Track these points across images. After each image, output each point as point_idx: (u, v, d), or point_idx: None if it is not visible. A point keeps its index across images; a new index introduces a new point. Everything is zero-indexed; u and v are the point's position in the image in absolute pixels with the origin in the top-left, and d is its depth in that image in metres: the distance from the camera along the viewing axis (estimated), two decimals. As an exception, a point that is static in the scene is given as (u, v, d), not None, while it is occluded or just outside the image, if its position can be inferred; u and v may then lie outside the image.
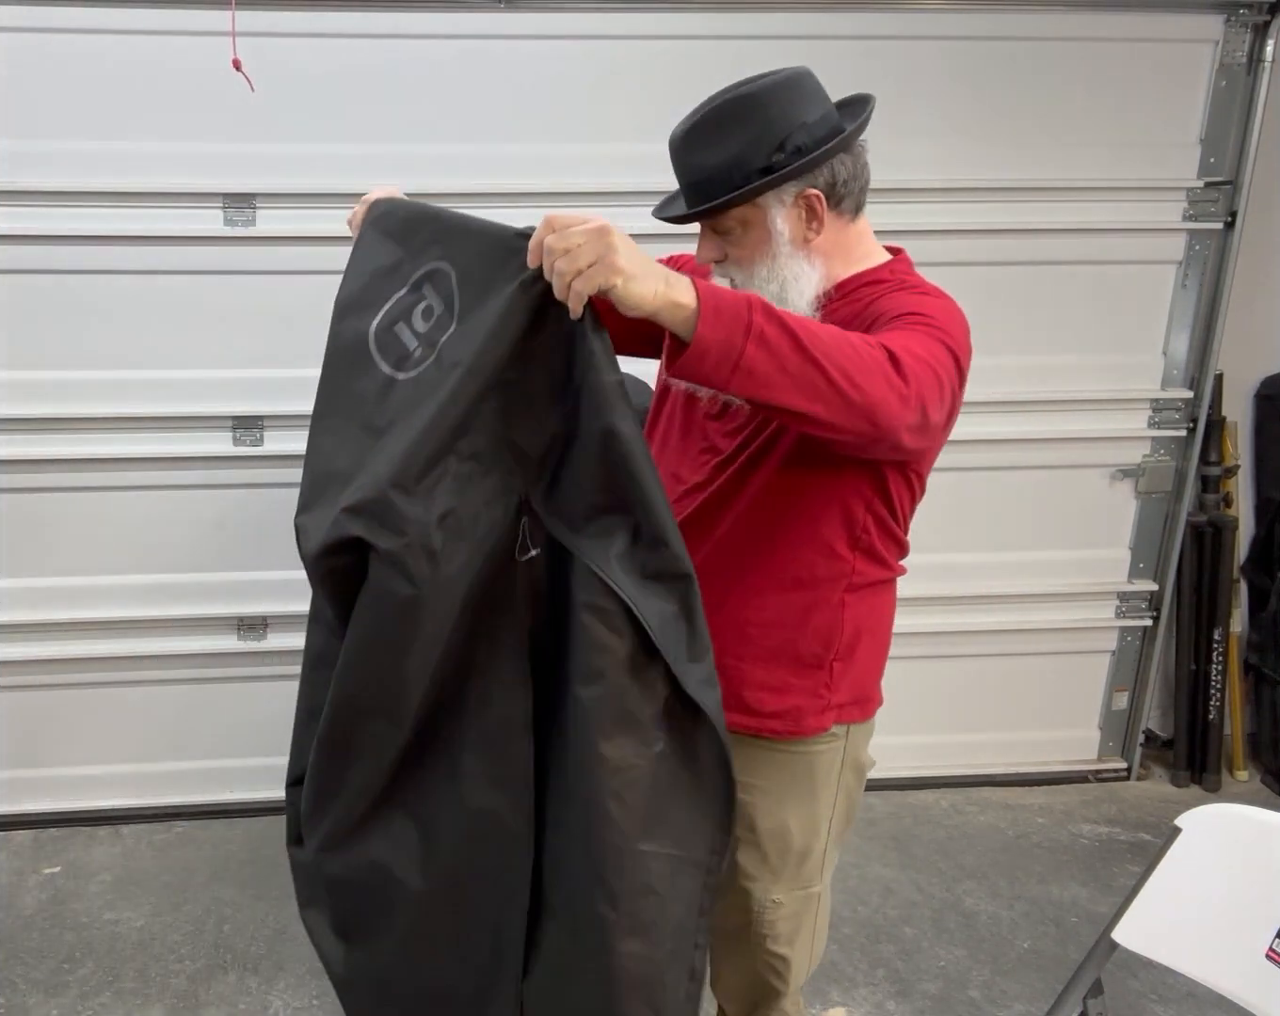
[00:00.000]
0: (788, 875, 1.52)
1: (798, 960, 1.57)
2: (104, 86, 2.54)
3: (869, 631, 1.47)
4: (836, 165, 1.37)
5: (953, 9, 2.72)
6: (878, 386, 1.17)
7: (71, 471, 2.73)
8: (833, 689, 1.46)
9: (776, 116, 1.34)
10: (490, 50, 2.64)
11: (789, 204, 1.36)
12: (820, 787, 1.51)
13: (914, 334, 1.27)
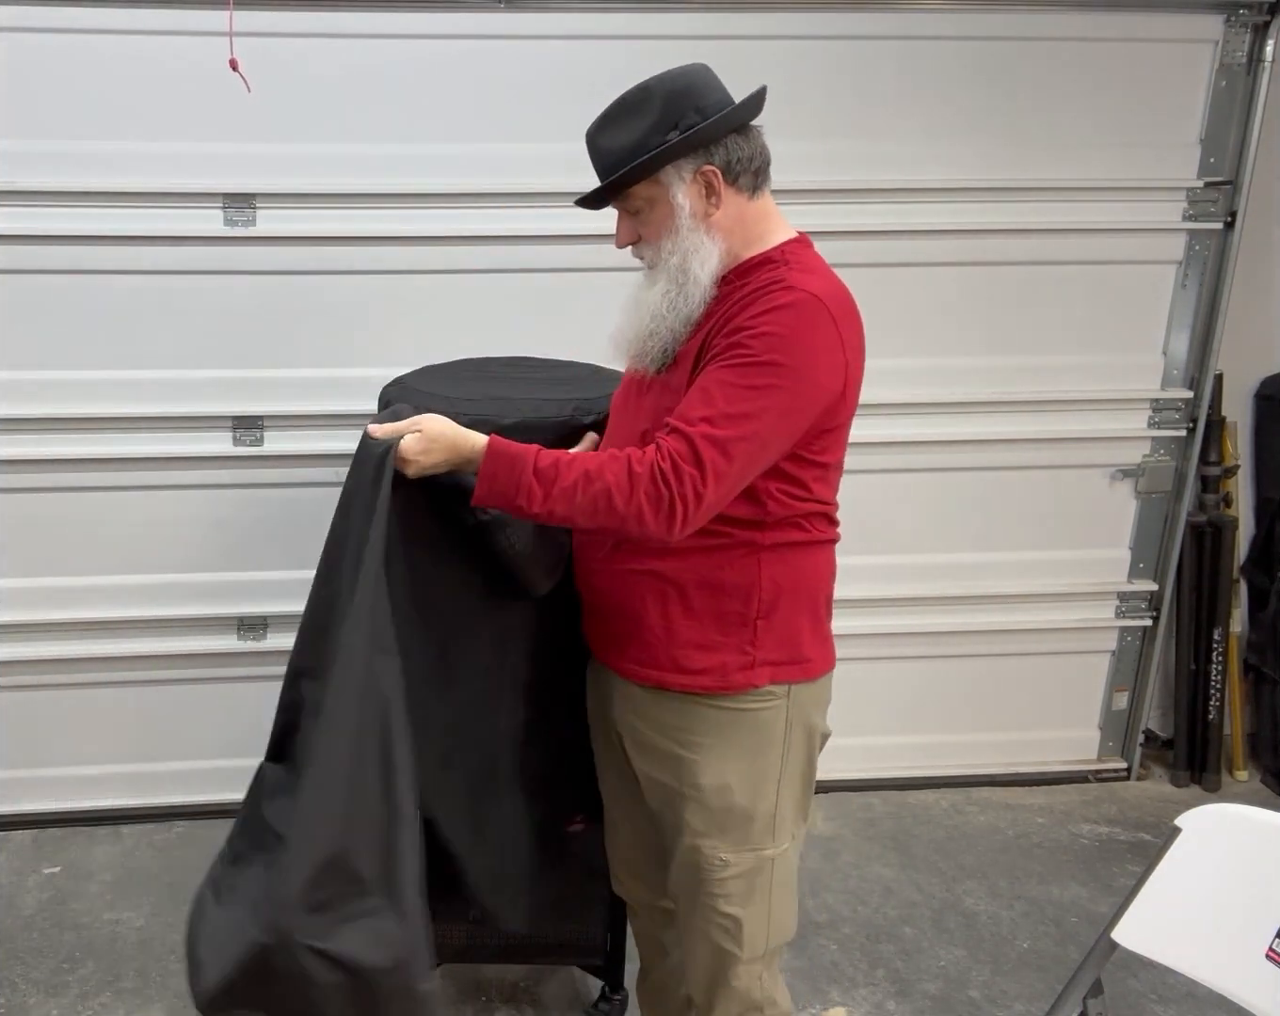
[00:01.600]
0: (734, 834, 1.59)
1: (751, 923, 1.61)
2: (104, 86, 2.54)
3: (790, 591, 1.54)
4: (731, 144, 1.49)
5: (953, 9, 2.72)
6: (617, 520, 1.41)
7: (71, 471, 2.73)
8: (757, 645, 1.53)
9: (671, 101, 1.48)
10: (490, 50, 2.64)
11: (688, 180, 1.48)
12: (764, 746, 1.57)
13: (719, 391, 1.41)
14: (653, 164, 1.48)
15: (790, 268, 1.48)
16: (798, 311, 1.42)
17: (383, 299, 2.73)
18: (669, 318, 1.51)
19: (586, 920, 2.17)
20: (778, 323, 1.42)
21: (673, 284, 1.51)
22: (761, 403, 1.40)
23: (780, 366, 1.40)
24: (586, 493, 1.42)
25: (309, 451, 2.77)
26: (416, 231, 2.69)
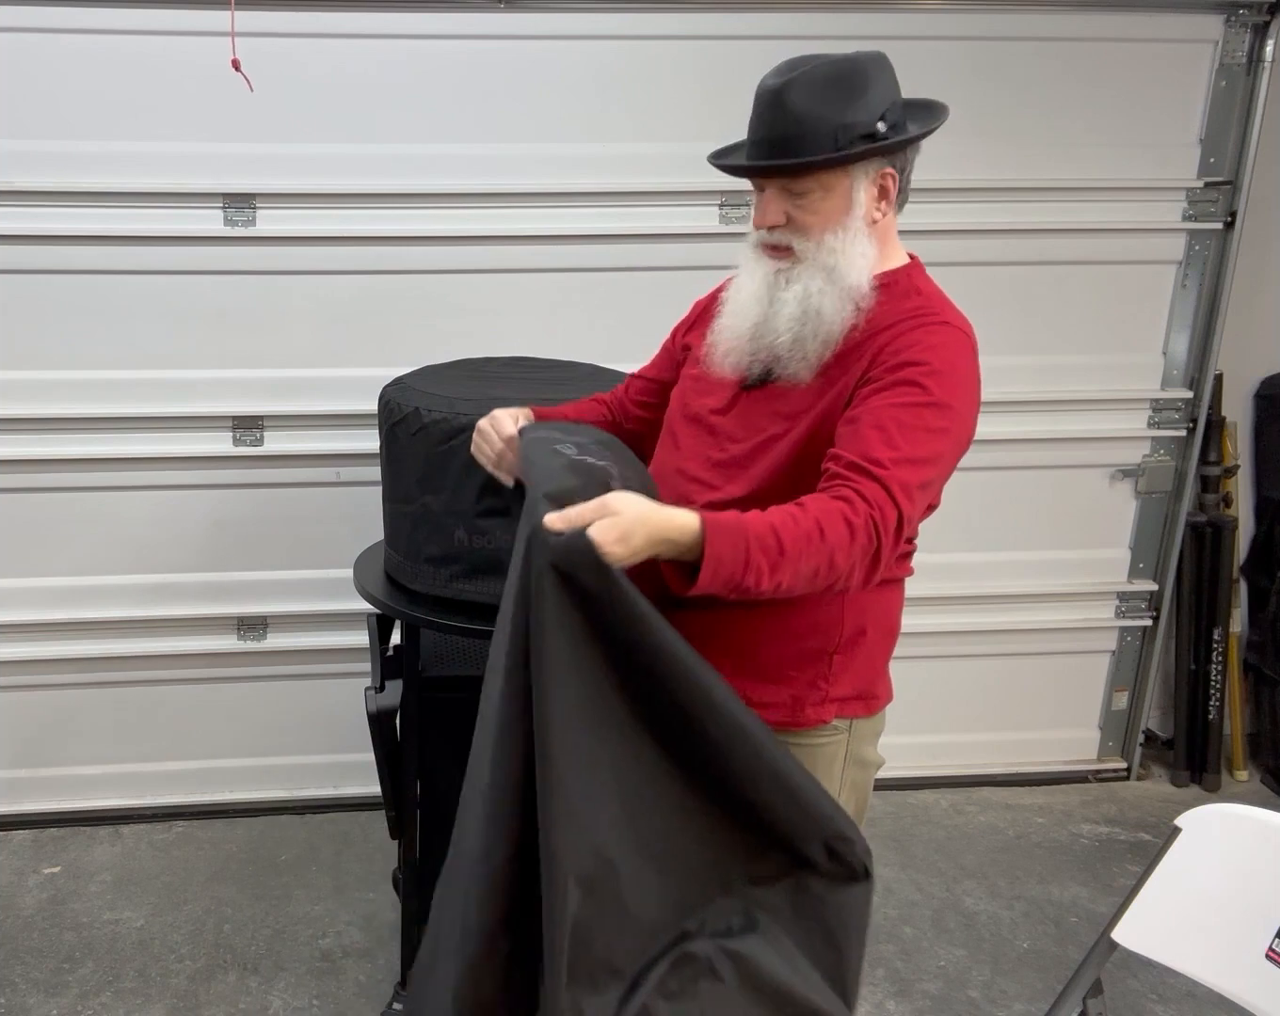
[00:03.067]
0: None
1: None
2: (104, 86, 2.54)
3: (872, 627, 1.48)
4: (912, 154, 1.42)
5: (953, 9, 2.72)
6: (835, 577, 1.26)
7: (71, 471, 2.73)
8: (831, 682, 1.47)
9: (880, 89, 1.37)
10: (490, 50, 2.64)
11: (870, 178, 1.39)
12: (821, 780, 1.48)
13: (900, 434, 1.30)
14: (860, 156, 1.36)
15: (924, 296, 1.43)
16: (958, 349, 1.36)
17: (382, 299, 2.73)
18: (831, 319, 1.39)
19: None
20: (944, 360, 1.34)
21: (828, 284, 1.39)
22: (938, 447, 1.33)
23: (951, 409, 1.33)
24: (810, 559, 1.24)
25: (309, 451, 2.77)
26: (416, 231, 2.69)
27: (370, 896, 2.62)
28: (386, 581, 2.13)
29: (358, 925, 2.54)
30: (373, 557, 2.24)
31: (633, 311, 2.74)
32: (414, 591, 2.06)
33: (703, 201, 2.73)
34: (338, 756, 2.96)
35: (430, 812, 2.15)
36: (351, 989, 2.35)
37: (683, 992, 1.27)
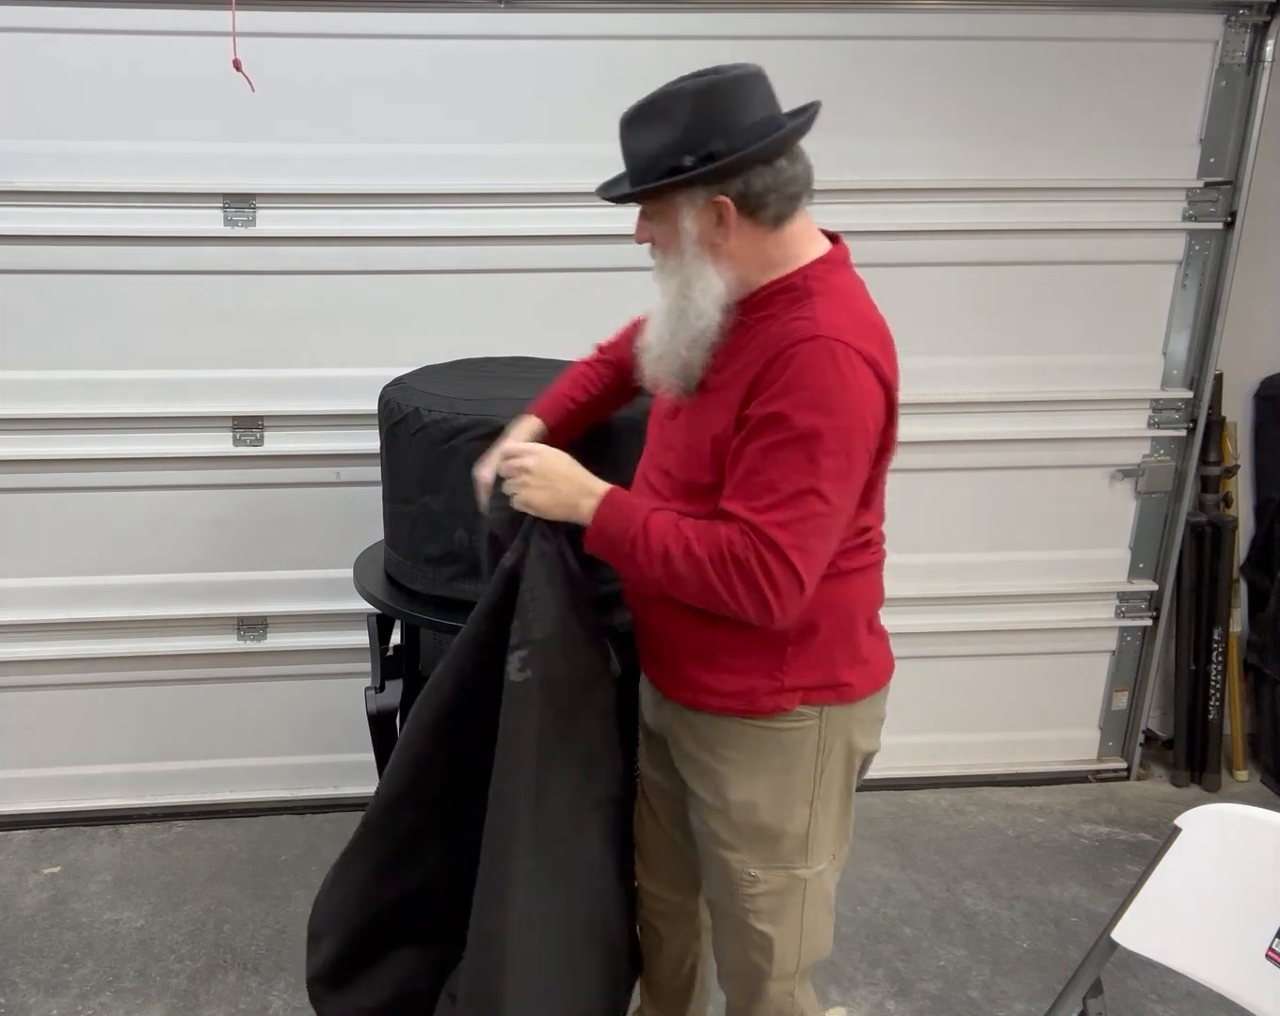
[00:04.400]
0: (762, 851, 1.57)
1: (782, 942, 1.61)
2: (103, 87, 2.54)
3: (826, 620, 1.50)
4: (752, 177, 1.38)
5: (953, 9, 2.72)
6: (716, 600, 1.39)
7: (71, 471, 2.73)
8: (786, 672, 1.50)
9: (703, 119, 1.37)
10: (490, 50, 2.64)
11: (700, 206, 1.39)
12: (793, 766, 1.54)
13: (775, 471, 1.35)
14: (659, 190, 1.41)
15: (812, 299, 1.40)
16: (826, 364, 1.34)
17: (383, 299, 2.73)
18: (673, 342, 1.46)
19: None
20: (809, 383, 1.34)
21: (674, 307, 1.45)
22: (818, 473, 1.34)
23: (821, 434, 1.33)
24: (689, 589, 1.41)
25: (309, 451, 2.77)
26: (416, 231, 2.69)
27: (370, 896, 2.62)
28: (386, 581, 2.13)
29: (358, 925, 2.54)
30: (373, 558, 2.24)
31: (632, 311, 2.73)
32: (414, 591, 2.06)
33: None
34: (338, 756, 2.96)
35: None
36: (351, 989, 2.35)
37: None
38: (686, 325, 1.44)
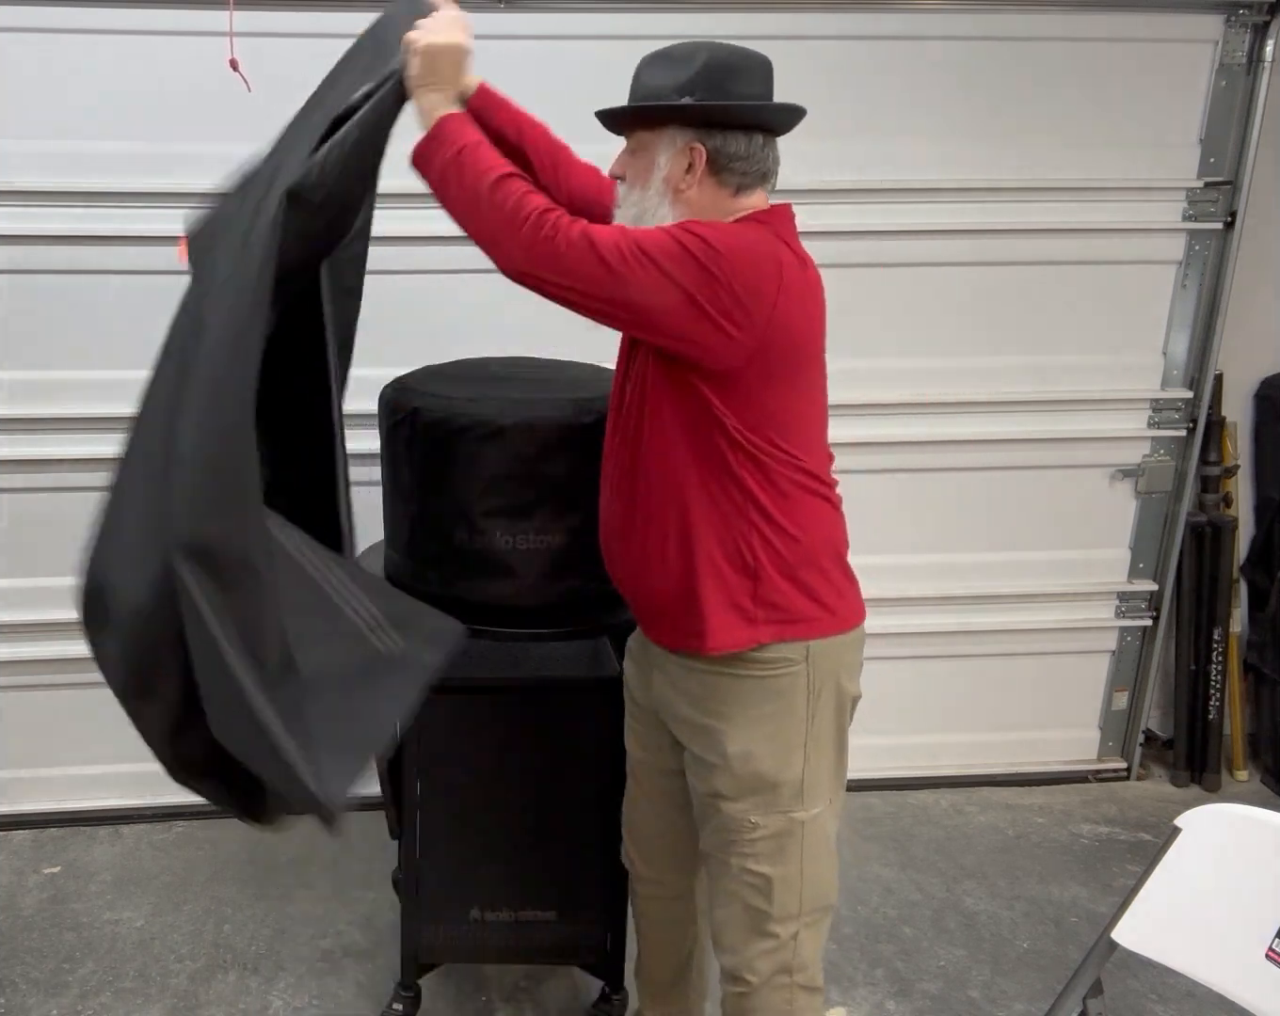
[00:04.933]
0: (762, 798, 1.62)
1: (781, 882, 1.64)
2: (104, 86, 2.54)
3: (787, 548, 1.56)
4: (730, 139, 1.51)
5: (953, 9, 2.72)
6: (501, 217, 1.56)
7: (71, 471, 2.73)
8: (758, 603, 1.56)
9: (706, 71, 1.53)
10: (490, 50, 2.63)
11: (677, 148, 1.53)
12: (786, 713, 1.60)
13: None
14: (650, 114, 1.55)
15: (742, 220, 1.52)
16: (729, 231, 1.46)
17: (382, 299, 2.72)
18: None
19: (587, 920, 2.18)
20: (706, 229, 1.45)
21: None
22: (672, 249, 1.43)
23: (699, 235, 1.43)
24: (468, 190, 1.60)
25: (309, 451, 2.76)
26: (416, 231, 2.69)
27: (370, 896, 2.62)
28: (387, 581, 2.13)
29: (358, 925, 2.54)
30: (373, 558, 2.24)
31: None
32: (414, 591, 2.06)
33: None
34: (338, 756, 2.96)
35: (430, 812, 2.15)
36: (351, 989, 2.35)
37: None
38: None
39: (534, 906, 2.15)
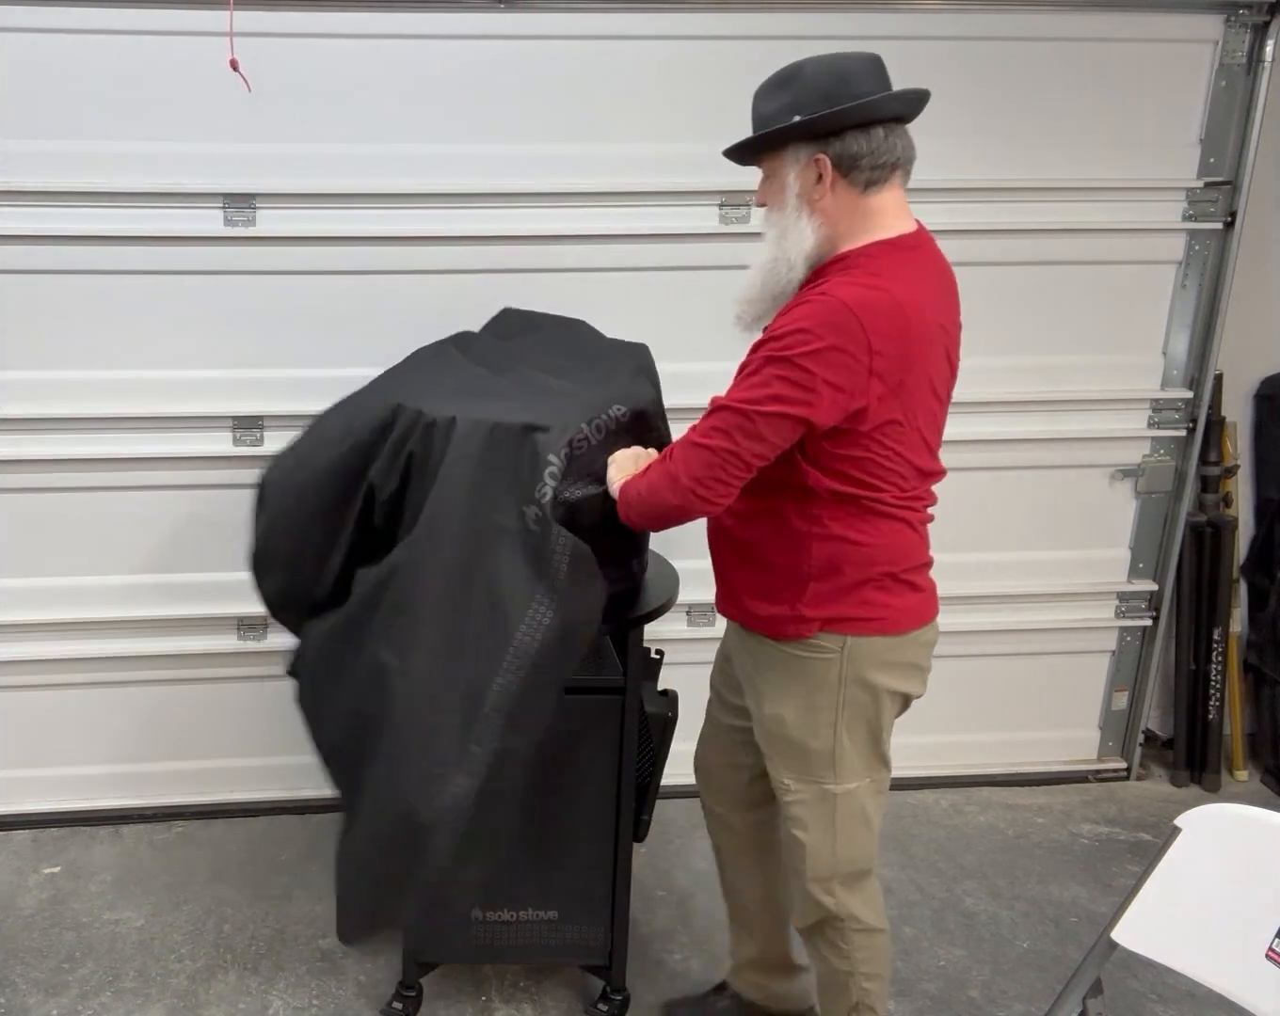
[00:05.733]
0: (792, 762, 1.81)
1: (814, 848, 1.83)
2: (103, 86, 2.54)
3: (840, 559, 1.70)
4: (849, 139, 1.59)
5: (953, 9, 2.72)
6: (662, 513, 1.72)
7: (71, 471, 2.73)
8: (805, 603, 1.72)
9: (810, 86, 1.60)
10: (490, 50, 2.64)
11: (803, 163, 1.62)
12: (816, 691, 1.76)
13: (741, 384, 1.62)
14: (768, 141, 1.65)
15: (848, 272, 1.61)
16: (819, 314, 1.55)
17: (383, 299, 2.73)
18: (762, 290, 1.69)
19: (588, 920, 2.18)
20: (799, 319, 1.56)
21: (769, 259, 1.67)
22: (774, 387, 1.56)
23: (777, 359, 1.56)
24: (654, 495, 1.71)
25: (309, 451, 2.76)
26: (416, 231, 2.69)
27: (370, 896, 2.62)
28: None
29: (358, 925, 2.54)
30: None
31: (632, 311, 2.74)
32: None
33: (703, 201, 2.73)
34: (338, 756, 2.96)
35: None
36: (351, 989, 2.35)
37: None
38: (776, 278, 1.67)
39: (535, 906, 2.16)
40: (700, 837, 2.89)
